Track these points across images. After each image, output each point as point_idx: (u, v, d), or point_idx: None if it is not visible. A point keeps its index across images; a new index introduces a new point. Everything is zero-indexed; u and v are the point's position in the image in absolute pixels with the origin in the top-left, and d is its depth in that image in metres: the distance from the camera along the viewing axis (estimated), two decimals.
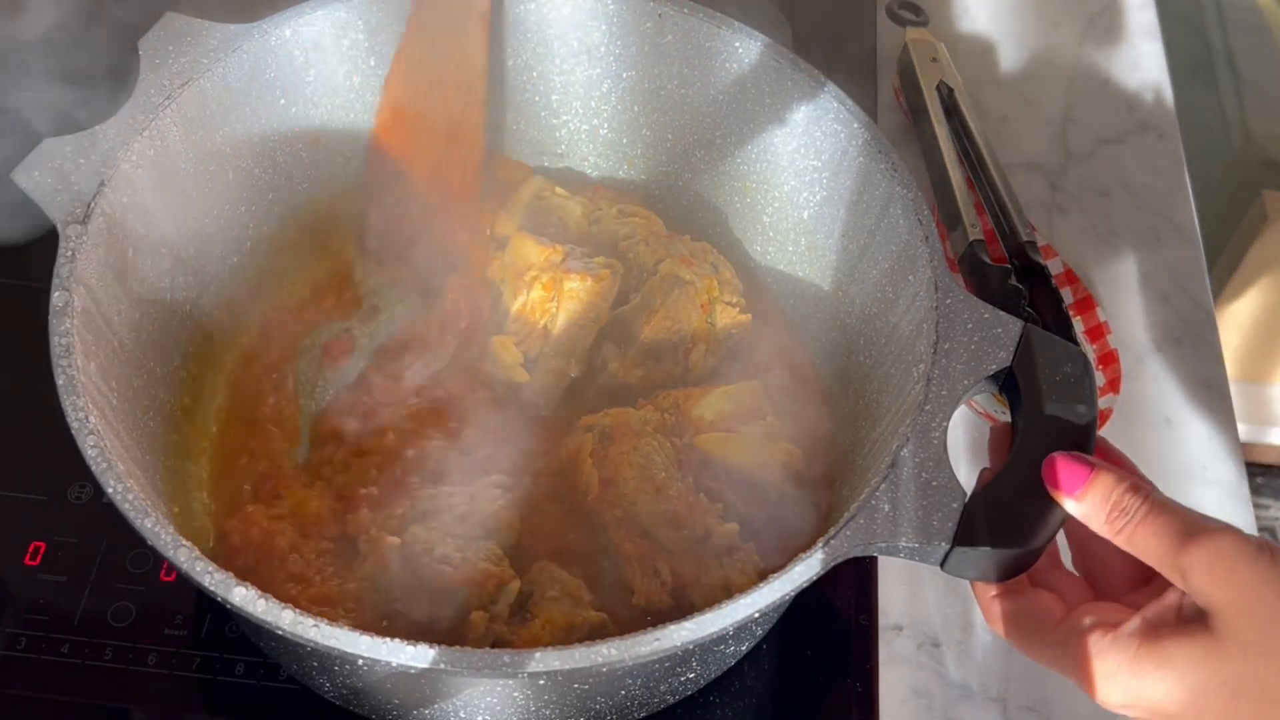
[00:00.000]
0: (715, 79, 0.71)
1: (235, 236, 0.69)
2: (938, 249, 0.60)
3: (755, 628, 0.63)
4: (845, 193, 0.67)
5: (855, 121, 0.65)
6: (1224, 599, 0.47)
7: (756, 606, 0.49)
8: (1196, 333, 0.84)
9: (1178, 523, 0.49)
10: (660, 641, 0.47)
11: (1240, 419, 1.11)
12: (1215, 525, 0.49)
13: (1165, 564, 0.49)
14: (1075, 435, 0.53)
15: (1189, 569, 0.48)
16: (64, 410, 0.51)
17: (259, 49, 0.66)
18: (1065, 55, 1.00)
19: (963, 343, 0.57)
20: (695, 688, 0.64)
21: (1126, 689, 0.49)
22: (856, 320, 0.67)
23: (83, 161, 0.59)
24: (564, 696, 0.57)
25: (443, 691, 0.56)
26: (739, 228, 0.75)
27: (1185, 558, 0.48)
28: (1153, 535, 0.49)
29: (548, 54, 0.74)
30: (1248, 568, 0.47)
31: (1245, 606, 0.47)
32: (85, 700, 0.62)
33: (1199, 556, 0.48)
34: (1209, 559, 0.47)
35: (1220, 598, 0.47)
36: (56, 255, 0.56)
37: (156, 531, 0.49)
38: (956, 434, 0.76)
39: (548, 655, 0.47)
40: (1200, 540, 0.48)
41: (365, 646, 0.46)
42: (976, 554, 0.51)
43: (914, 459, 0.53)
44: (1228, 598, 0.47)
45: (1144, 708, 0.49)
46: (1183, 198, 0.91)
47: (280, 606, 0.47)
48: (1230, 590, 0.47)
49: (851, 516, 0.52)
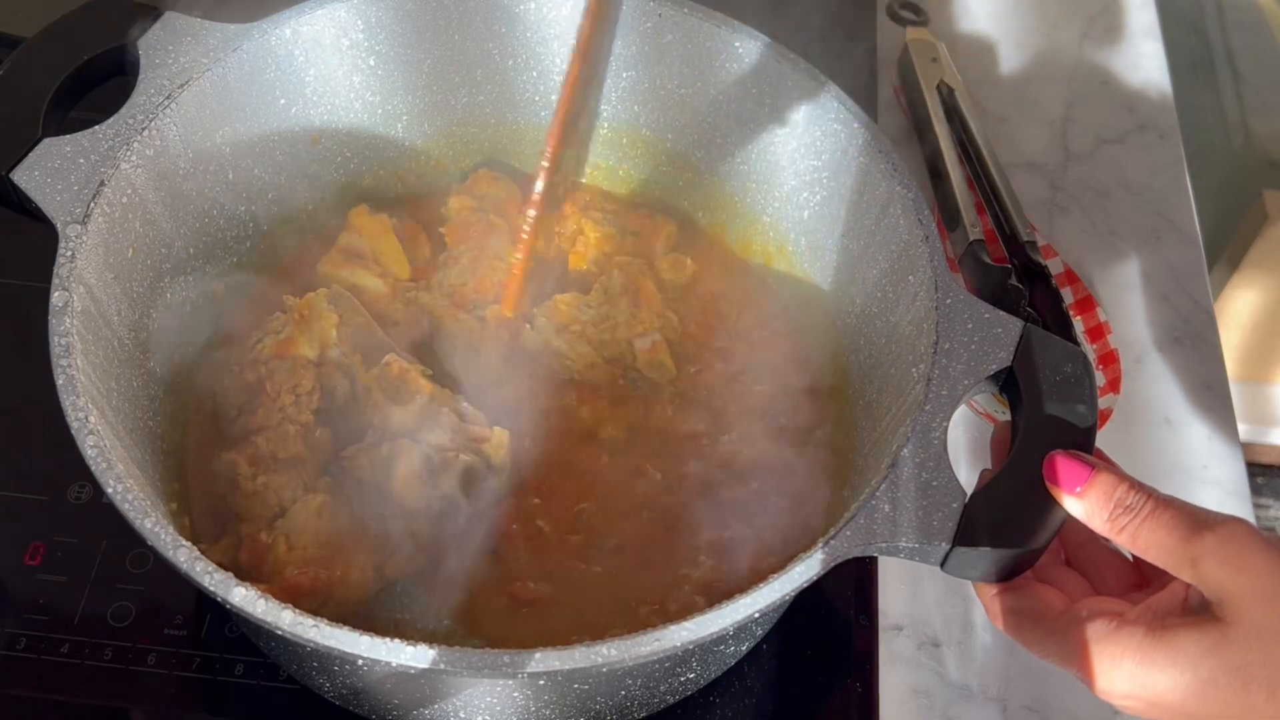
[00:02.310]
0: (715, 79, 0.71)
1: (235, 236, 0.69)
2: (938, 249, 0.60)
3: (755, 628, 0.63)
4: (845, 193, 0.67)
5: (855, 121, 0.65)
6: (1236, 586, 0.47)
7: (756, 606, 0.49)
8: (1196, 333, 0.84)
9: (1186, 515, 0.49)
10: (660, 642, 0.47)
11: (1240, 419, 1.11)
12: (1224, 516, 0.49)
13: (1174, 556, 0.49)
14: (1076, 435, 0.53)
15: (1201, 558, 0.48)
16: (64, 410, 0.51)
17: (259, 49, 0.66)
18: (1065, 55, 1.00)
19: (963, 343, 0.57)
20: (695, 688, 0.64)
21: (1132, 678, 0.48)
22: (856, 320, 0.67)
23: (82, 161, 0.59)
24: (564, 696, 0.57)
25: (442, 691, 0.56)
26: (739, 228, 0.75)
27: (1197, 546, 0.48)
28: (1161, 529, 0.49)
29: (547, 53, 0.74)
30: (1260, 556, 0.47)
31: (1257, 593, 0.46)
32: (85, 700, 0.62)
33: (1211, 544, 0.48)
34: (1221, 546, 0.47)
35: (1232, 585, 0.47)
36: (56, 255, 0.56)
37: (156, 531, 0.49)
38: (956, 434, 0.76)
39: (548, 655, 0.47)
40: (1212, 529, 0.48)
41: (365, 646, 0.46)
42: (977, 554, 0.51)
43: (914, 459, 0.53)
44: (1239, 584, 0.47)
45: (1147, 699, 0.48)
46: (1183, 198, 0.91)
47: (280, 607, 0.47)
48: (1242, 577, 0.47)
49: (851, 516, 0.52)
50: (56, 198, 0.58)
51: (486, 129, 0.77)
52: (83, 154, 0.59)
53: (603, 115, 0.76)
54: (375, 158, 0.75)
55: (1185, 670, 0.47)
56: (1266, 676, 0.46)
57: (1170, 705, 0.48)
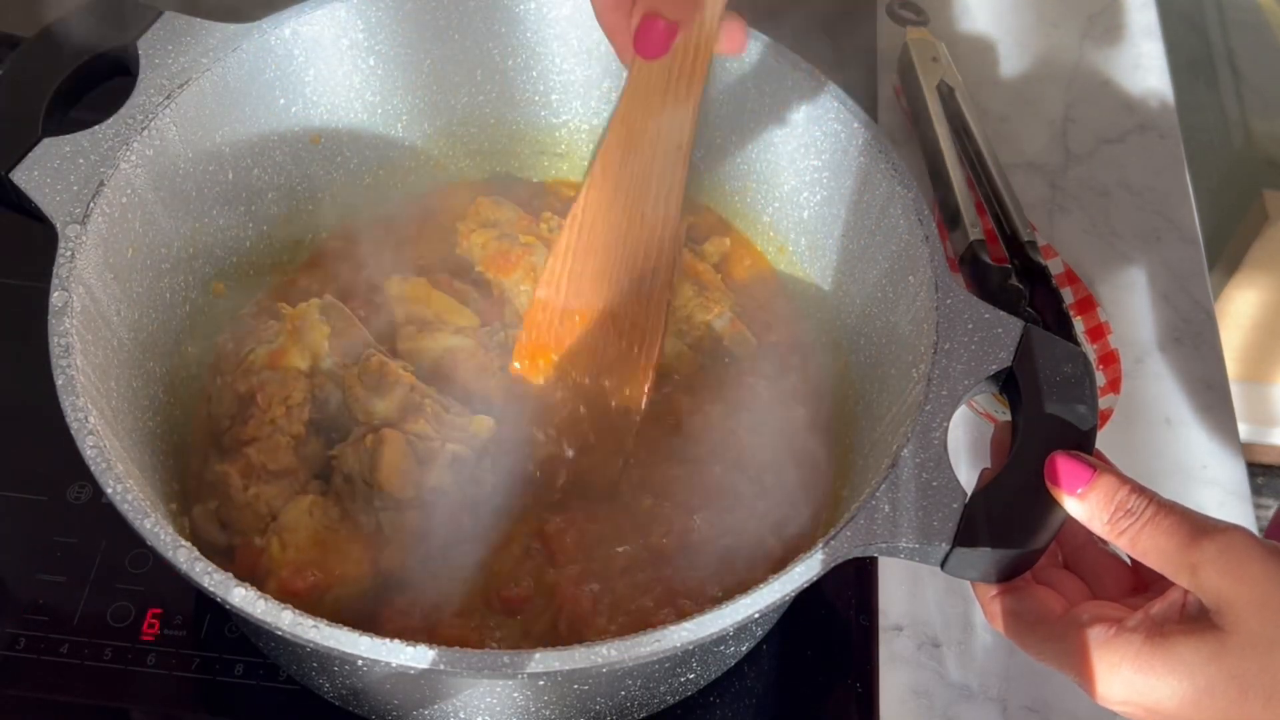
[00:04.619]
0: (716, 79, 0.71)
1: (235, 236, 0.69)
2: (938, 249, 0.60)
3: (755, 628, 0.63)
4: (846, 193, 0.67)
5: (855, 121, 0.65)
6: (1234, 594, 0.47)
7: (756, 607, 0.49)
8: (1196, 333, 0.84)
9: (1187, 522, 0.49)
10: (660, 642, 0.47)
11: (1241, 419, 1.12)
12: (1225, 524, 0.49)
13: (1174, 561, 0.49)
14: (1076, 436, 0.53)
15: (1200, 565, 0.48)
16: (64, 410, 0.51)
17: (259, 49, 0.66)
18: (1065, 55, 1.00)
19: (963, 343, 0.57)
20: (695, 688, 0.64)
21: (1130, 685, 0.48)
22: (856, 320, 0.67)
23: (82, 161, 0.59)
24: (564, 697, 0.57)
25: (441, 691, 0.56)
26: (741, 227, 0.76)
27: (1197, 553, 0.48)
28: (1162, 534, 0.49)
29: (548, 53, 0.74)
30: (1259, 564, 0.47)
31: (1256, 602, 0.46)
32: (85, 700, 0.62)
33: (1211, 552, 0.48)
34: (1221, 555, 0.47)
35: (1231, 593, 0.47)
36: (56, 255, 0.56)
37: (156, 532, 0.49)
38: (957, 434, 0.76)
39: (547, 656, 0.47)
40: (1212, 536, 0.48)
41: (365, 647, 0.46)
42: (977, 554, 0.51)
43: (914, 459, 0.53)
44: (1238, 592, 0.47)
45: (1144, 705, 0.48)
46: (1183, 198, 0.91)
47: (280, 607, 0.47)
48: (1241, 585, 0.47)
49: (852, 517, 0.52)
50: (56, 198, 0.58)
51: (486, 129, 0.77)
52: (82, 154, 0.59)
53: (603, 116, 0.76)
54: (375, 158, 0.75)
55: (1183, 678, 0.47)
56: (1263, 684, 0.46)
57: (1168, 712, 0.48)
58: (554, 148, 0.78)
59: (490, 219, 0.73)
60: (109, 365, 0.57)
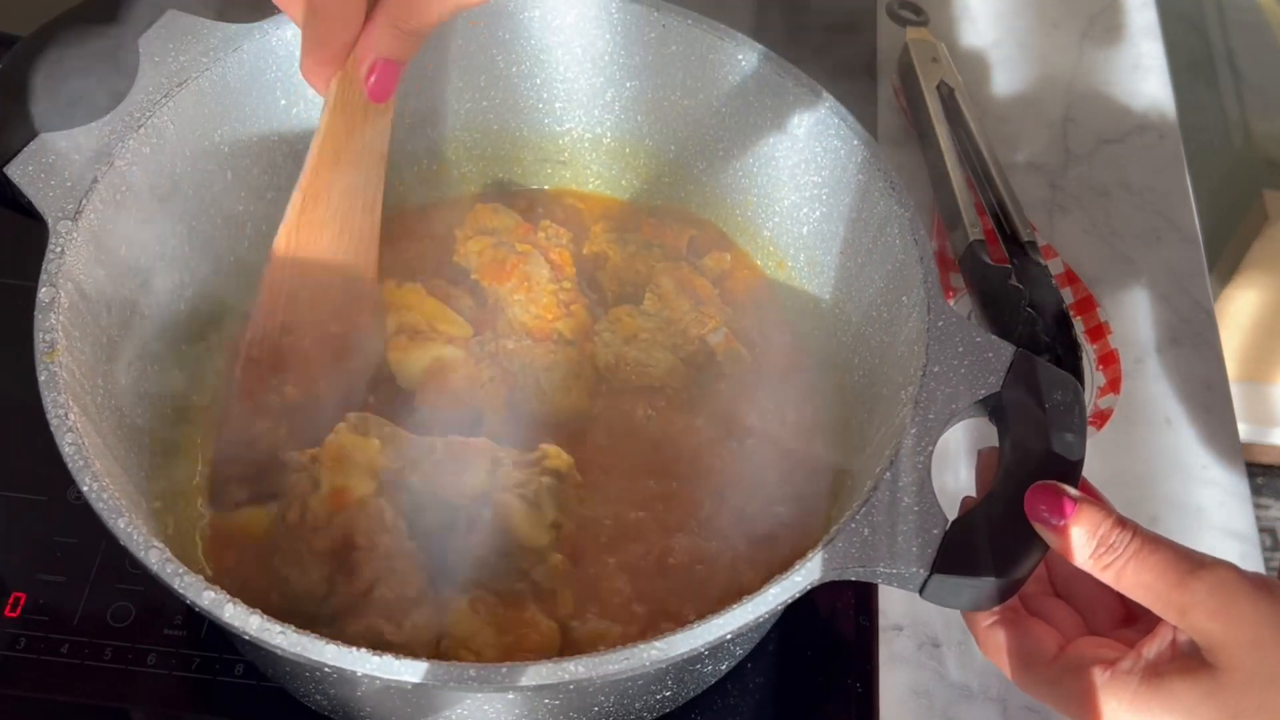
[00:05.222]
0: (718, 90, 0.70)
1: (233, 235, 0.69)
2: (932, 270, 0.59)
3: (734, 646, 0.62)
4: (844, 210, 0.66)
5: (855, 138, 0.65)
6: (1227, 635, 0.47)
7: (730, 627, 0.48)
8: (1196, 333, 0.84)
9: (1173, 559, 0.48)
10: (629, 660, 0.47)
11: (1240, 419, 1.11)
12: (1212, 560, 0.48)
13: (1162, 601, 0.48)
14: (1062, 466, 0.52)
15: (1190, 607, 0.47)
16: (44, 406, 0.51)
17: (259, 49, 0.66)
18: (1065, 55, 1.00)
19: (953, 366, 0.56)
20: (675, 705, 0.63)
21: None
22: (852, 339, 0.66)
23: (77, 158, 0.59)
24: (534, 710, 0.57)
25: (411, 701, 0.55)
26: (741, 241, 0.75)
27: (1186, 595, 0.47)
28: (1147, 571, 0.48)
29: (551, 60, 0.73)
30: (1248, 602, 0.47)
31: (1249, 641, 0.46)
32: (85, 700, 0.62)
33: (1201, 593, 0.47)
34: (1211, 596, 0.47)
35: (1223, 634, 0.47)
36: (46, 251, 0.55)
37: (129, 531, 0.49)
38: (957, 435, 0.76)
39: (535, 669, 0.46)
40: (1200, 576, 0.47)
41: (331, 655, 0.46)
42: (956, 582, 0.50)
43: (897, 483, 0.52)
44: (1231, 633, 0.46)
45: None
46: (1183, 198, 0.91)
47: (248, 611, 0.47)
48: (1233, 625, 0.47)
49: (830, 539, 0.51)
50: (49, 193, 0.57)
51: (489, 135, 0.77)
52: (78, 150, 0.59)
53: (606, 125, 0.76)
54: None
55: (1180, 717, 0.47)
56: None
57: None
58: (557, 155, 0.78)
59: (489, 226, 0.72)
60: (96, 363, 0.57)
